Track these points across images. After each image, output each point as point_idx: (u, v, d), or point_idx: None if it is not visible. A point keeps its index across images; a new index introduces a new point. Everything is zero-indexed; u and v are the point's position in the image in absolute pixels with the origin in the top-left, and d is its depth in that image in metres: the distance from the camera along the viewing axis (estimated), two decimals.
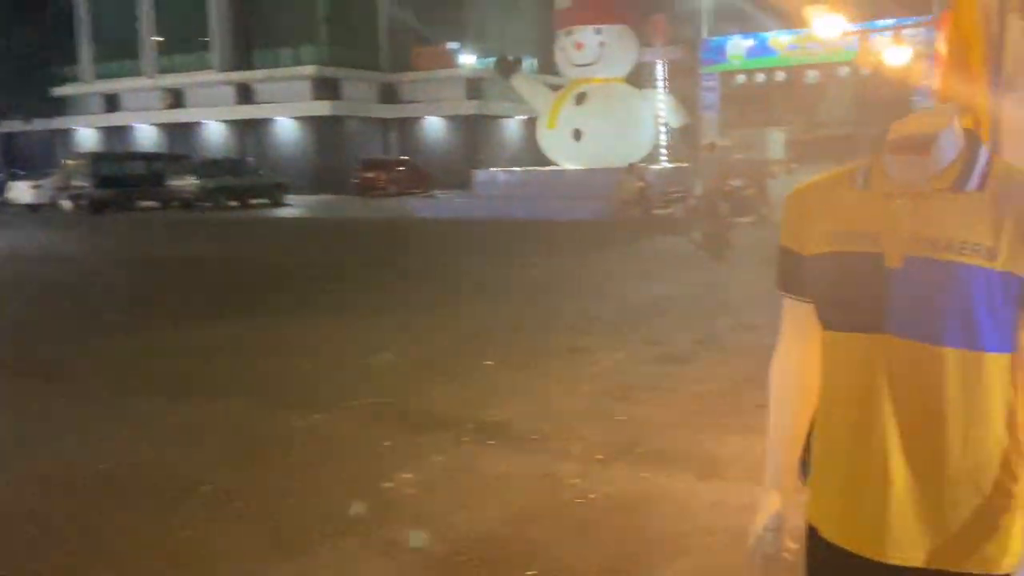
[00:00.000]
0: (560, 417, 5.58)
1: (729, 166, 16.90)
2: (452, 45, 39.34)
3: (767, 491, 1.67)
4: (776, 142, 35.29)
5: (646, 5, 23.87)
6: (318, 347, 7.89)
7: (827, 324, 1.53)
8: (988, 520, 1.42)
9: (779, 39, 35.46)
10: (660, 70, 22.65)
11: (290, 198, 33.63)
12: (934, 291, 1.40)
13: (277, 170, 35.81)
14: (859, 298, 1.47)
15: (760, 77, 35.65)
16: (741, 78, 35.97)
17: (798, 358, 1.64)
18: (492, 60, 37.30)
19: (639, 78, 23.27)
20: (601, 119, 21.39)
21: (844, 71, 33.97)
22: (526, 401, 5.98)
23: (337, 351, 7.70)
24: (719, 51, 36.50)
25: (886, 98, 34.23)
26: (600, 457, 4.81)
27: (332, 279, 12.40)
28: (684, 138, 21.98)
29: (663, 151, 22.35)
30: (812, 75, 34.59)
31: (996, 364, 1.41)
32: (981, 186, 1.43)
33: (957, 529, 1.42)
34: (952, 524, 1.42)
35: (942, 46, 2.76)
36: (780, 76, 35.16)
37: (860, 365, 1.47)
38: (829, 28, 4.80)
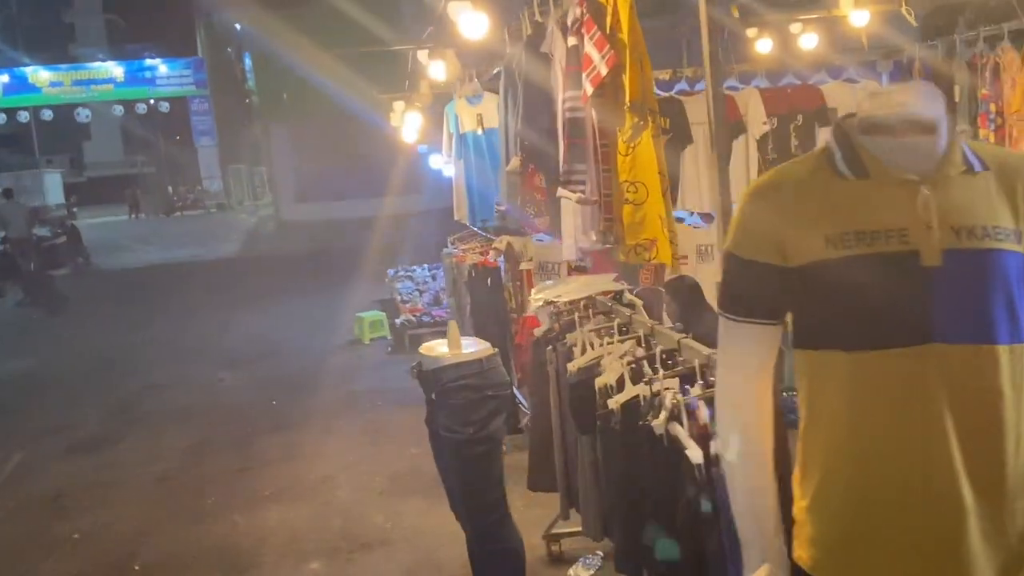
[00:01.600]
0: None
1: (26, 214, 14.84)
2: None
3: (760, 568, 1.38)
4: (55, 185, 32.60)
5: None
6: None
7: (848, 345, 1.27)
8: None
9: (39, 75, 32.70)
10: None
11: None
12: (979, 285, 1.25)
13: None
14: (898, 308, 1.25)
15: (23, 116, 32.36)
16: (0, 117, 32.15)
17: (761, 397, 1.39)
18: None
19: None
20: None
21: (118, 110, 32.97)
22: None
23: None
24: None
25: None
26: None
27: None
28: None
29: None
30: (84, 114, 32.75)
31: None
32: (985, 166, 1.31)
33: (1015, 542, 1.28)
34: (1012, 538, 1.28)
35: (592, 51, 2.81)
36: (48, 115, 32.44)
37: (906, 385, 1.25)
38: (474, 28, 4.45)
